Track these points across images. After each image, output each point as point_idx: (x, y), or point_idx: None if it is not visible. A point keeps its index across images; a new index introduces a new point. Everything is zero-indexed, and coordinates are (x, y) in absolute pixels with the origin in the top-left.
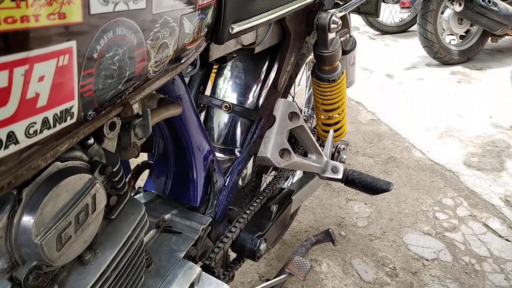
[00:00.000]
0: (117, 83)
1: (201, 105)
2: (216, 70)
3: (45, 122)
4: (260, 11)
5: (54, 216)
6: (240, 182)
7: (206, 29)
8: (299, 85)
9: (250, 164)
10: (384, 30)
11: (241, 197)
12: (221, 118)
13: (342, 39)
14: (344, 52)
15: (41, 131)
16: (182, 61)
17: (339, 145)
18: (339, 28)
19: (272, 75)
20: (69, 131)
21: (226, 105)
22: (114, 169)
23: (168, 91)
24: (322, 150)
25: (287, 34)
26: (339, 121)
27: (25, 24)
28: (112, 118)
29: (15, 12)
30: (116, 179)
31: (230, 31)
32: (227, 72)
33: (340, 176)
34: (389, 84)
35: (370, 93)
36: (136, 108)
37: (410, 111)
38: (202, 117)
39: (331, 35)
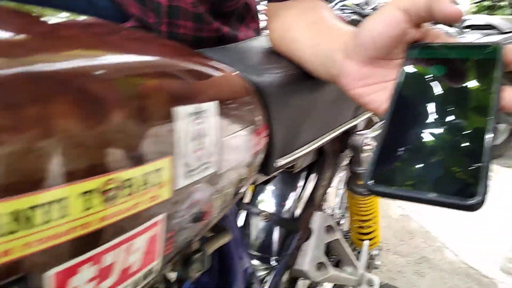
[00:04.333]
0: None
1: (240, 211)
2: None
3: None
4: (303, 144)
5: None
6: None
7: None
8: (331, 186)
9: (286, 275)
10: None
11: None
12: (259, 226)
13: None
14: None
15: None
16: (237, 196)
17: (372, 252)
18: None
19: (310, 187)
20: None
21: (264, 214)
22: None
23: None
24: (358, 260)
25: (323, 154)
26: (373, 231)
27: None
28: None
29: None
30: None
31: (275, 165)
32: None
33: None
34: None
35: None
36: (196, 245)
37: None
38: None
39: (364, 155)
